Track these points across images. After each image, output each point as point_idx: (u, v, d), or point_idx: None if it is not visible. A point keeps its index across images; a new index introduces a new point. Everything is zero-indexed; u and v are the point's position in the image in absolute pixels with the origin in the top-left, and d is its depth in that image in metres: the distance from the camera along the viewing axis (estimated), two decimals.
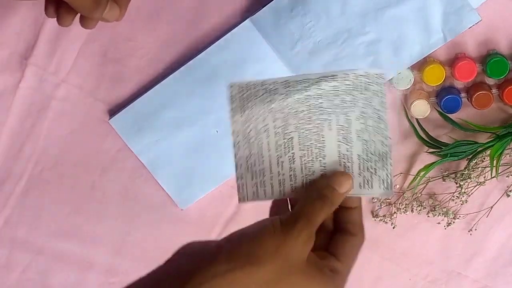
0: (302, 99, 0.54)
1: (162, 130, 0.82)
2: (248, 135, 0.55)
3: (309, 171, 0.55)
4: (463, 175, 0.80)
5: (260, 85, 0.55)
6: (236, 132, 0.55)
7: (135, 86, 0.82)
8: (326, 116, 0.54)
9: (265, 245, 0.47)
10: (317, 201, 0.51)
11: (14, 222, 0.87)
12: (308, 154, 0.55)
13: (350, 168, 0.55)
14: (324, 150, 0.55)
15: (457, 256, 0.85)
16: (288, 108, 0.54)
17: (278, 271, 0.47)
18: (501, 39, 0.78)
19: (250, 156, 0.55)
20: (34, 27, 0.81)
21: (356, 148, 0.54)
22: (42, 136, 0.84)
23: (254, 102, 0.55)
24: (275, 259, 0.47)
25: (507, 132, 0.78)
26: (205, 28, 0.80)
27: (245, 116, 0.55)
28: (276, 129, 0.55)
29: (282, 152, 0.55)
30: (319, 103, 0.54)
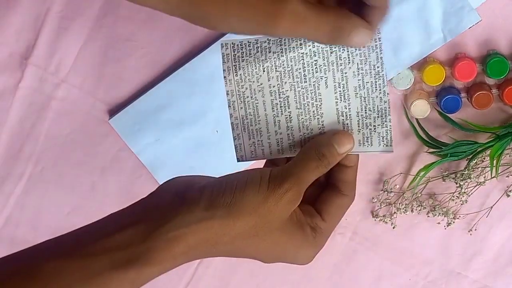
0: (296, 57, 0.53)
1: (162, 130, 0.82)
2: (243, 95, 0.54)
3: (307, 130, 0.54)
4: (463, 175, 0.80)
5: (254, 43, 0.54)
6: (231, 92, 0.55)
7: (135, 86, 0.82)
8: (322, 74, 0.53)
9: (247, 199, 0.47)
10: (313, 160, 0.50)
11: (14, 222, 0.87)
12: (305, 113, 0.54)
13: (349, 126, 0.53)
14: (321, 108, 0.53)
15: (457, 256, 0.85)
16: (283, 66, 0.53)
17: (255, 226, 0.47)
18: (501, 39, 0.78)
19: (246, 116, 0.54)
20: (34, 27, 0.81)
21: (354, 105, 0.53)
22: (42, 136, 0.84)
23: (248, 61, 0.54)
24: (254, 214, 0.47)
25: (507, 132, 0.78)
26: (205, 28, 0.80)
27: (239, 75, 0.54)
28: (271, 88, 0.54)
29: (278, 111, 0.54)
30: (314, 61, 0.53)
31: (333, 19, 0.49)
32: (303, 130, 0.54)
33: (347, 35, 0.50)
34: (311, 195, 0.53)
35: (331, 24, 0.50)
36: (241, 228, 0.46)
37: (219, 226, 0.46)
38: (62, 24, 0.81)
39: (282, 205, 0.47)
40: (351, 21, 0.50)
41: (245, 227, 0.47)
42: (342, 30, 0.50)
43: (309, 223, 0.51)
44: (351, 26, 0.50)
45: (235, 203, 0.46)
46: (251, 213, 0.46)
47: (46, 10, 0.80)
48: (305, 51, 0.53)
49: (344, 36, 0.50)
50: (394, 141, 0.81)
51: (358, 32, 0.50)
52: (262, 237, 0.47)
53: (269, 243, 0.48)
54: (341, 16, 0.50)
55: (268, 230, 0.47)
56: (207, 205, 0.46)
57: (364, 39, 0.51)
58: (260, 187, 0.47)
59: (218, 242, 0.46)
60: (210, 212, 0.46)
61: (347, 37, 0.50)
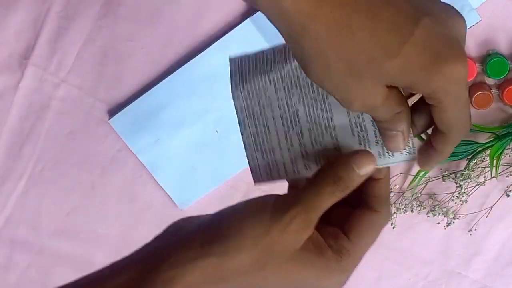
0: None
1: (162, 130, 0.82)
2: (252, 111, 0.50)
3: (321, 145, 0.49)
4: (463, 175, 0.80)
5: (259, 55, 0.50)
6: (240, 108, 0.51)
7: (135, 86, 0.82)
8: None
9: (245, 231, 0.42)
10: (328, 184, 0.44)
11: (14, 222, 0.87)
12: (316, 127, 0.49)
13: (364, 138, 0.47)
14: (333, 120, 0.48)
15: (457, 256, 0.85)
16: (289, 76, 0.49)
17: (259, 260, 0.42)
18: (501, 39, 0.78)
19: (258, 133, 0.50)
20: (34, 27, 0.81)
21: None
22: (42, 136, 0.84)
23: (254, 74, 0.50)
24: (255, 247, 0.42)
25: (507, 132, 0.78)
26: (205, 28, 0.80)
27: (247, 90, 0.50)
28: (279, 101, 0.49)
29: (289, 127, 0.50)
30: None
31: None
32: (316, 146, 0.49)
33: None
34: (340, 215, 0.47)
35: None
36: (242, 263, 0.42)
37: (216, 263, 0.42)
38: (62, 24, 0.81)
39: (289, 235, 0.42)
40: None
41: (247, 262, 0.42)
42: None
43: (332, 245, 0.45)
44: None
45: (233, 236, 0.42)
46: (251, 246, 0.42)
47: (46, 10, 0.80)
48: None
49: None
50: None
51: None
52: (270, 270, 0.43)
53: (281, 275, 0.43)
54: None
55: (277, 263, 0.43)
56: (202, 242, 0.42)
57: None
58: (261, 217, 0.43)
59: (220, 279, 0.42)
60: (205, 249, 0.42)
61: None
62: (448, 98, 0.41)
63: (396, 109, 0.43)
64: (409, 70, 0.39)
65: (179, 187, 0.84)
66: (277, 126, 0.50)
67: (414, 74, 0.39)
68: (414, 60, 0.39)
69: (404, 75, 0.39)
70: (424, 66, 0.39)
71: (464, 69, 0.40)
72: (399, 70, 0.39)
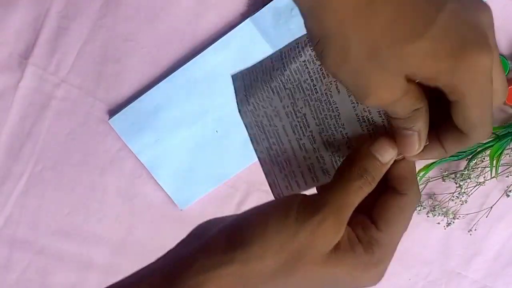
0: (299, 67, 0.46)
1: (162, 130, 0.82)
2: (261, 124, 0.48)
3: (334, 147, 0.47)
4: (463, 175, 0.80)
5: (258, 65, 0.48)
6: (249, 124, 0.49)
7: (135, 86, 0.82)
8: (330, 79, 0.45)
9: (270, 236, 0.40)
10: (354, 179, 0.42)
11: (14, 222, 0.87)
12: (326, 129, 0.47)
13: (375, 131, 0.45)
14: (340, 118, 0.46)
15: (457, 256, 0.85)
16: (290, 81, 0.47)
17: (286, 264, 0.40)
18: (501, 39, 0.78)
19: (271, 146, 0.48)
20: (34, 27, 0.81)
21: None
22: (42, 136, 0.84)
23: (256, 87, 0.48)
24: (281, 252, 0.40)
25: (507, 132, 0.78)
26: (205, 28, 0.80)
27: (252, 104, 0.48)
28: (286, 109, 0.47)
29: (300, 133, 0.47)
30: (318, 66, 0.46)
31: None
32: (331, 149, 0.47)
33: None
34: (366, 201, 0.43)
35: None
36: (268, 269, 0.40)
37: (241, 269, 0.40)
38: (62, 24, 0.81)
39: (318, 239, 0.40)
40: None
41: (273, 267, 0.40)
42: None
43: (362, 238, 0.42)
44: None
45: (256, 242, 0.40)
46: (277, 251, 0.40)
47: (46, 10, 0.80)
48: (306, 58, 0.46)
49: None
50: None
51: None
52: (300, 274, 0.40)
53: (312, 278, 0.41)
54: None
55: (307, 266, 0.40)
56: (225, 247, 0.40)
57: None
58: (286, 220, 0.40)
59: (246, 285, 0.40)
60: (229, 255, 0.40)
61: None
62: (473, 91, 0.38)
63: (416, 105, 0.40)
64: (434, 56, 0.36)
65: (179, 187, 0.84)
66: (288, 136, 0.48)
67: (439, 61, 0.37)
68: (439, 44, 0.36)
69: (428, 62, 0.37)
70: (450, 52, 0.36)
71: (490, 61, 0.37)
72: (423, 56, 0.37)
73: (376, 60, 0.37)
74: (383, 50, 0.37)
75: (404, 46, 0.36)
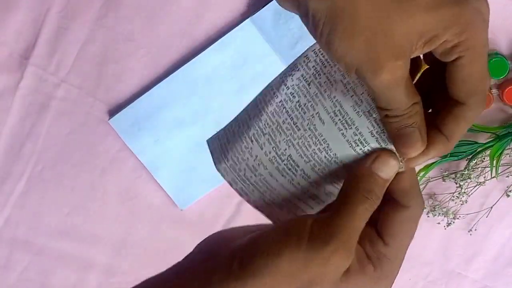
0: (276, 108, 0.45)
1: (162, 130, 0.82)
2: (245, 178, 0.48)
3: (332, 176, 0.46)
4: (463, 175, 0.80)
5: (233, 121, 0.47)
6: (233, 181, 0.48)
7: (135, 86, 0.82)
8: (311, 112, 0.44)
9: (283, 265, 0.40)
10: (359, 202, 0.42)
11: (14, 222, 0.87)
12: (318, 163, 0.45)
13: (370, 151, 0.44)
14: (331, 149, 0.45)
15: (457, 256, 0.85)
16: (268, 126, 0.45)
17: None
18: (501, 39, 0.78)
19: (263, 194, 0.47)
20: (34, 27, 0.81)
21: (363, 126, 0.44)
22: (42, 136, 0.84)
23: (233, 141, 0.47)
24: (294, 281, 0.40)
25: (507, 132, 0.78)
26: (205, 28, 0.80)
27: (231, 159, 0.47)
28: (268, 155, 0.46)
29: (291, 175, 0.46)
30: (296, 103, 0.45)
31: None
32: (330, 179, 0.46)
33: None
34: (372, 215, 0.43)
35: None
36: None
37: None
38: (62, 24, 0.81)
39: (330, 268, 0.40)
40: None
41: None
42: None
43: (371, 255, 0.43)
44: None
45: (270, 270, 0.40)
46: (290, 281, 0.40)
47: (46, 10, 0.80)
48: (282, 98, 0.45)
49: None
50: None
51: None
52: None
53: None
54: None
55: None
56: (238, 274, 0.40)
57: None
58: (298, 250, 0.40)
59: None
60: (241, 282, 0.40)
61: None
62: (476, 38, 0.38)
63: (414, 98, 0.40)
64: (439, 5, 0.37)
65: (179, 187, 0.84)
66: (278, 181, 0.47)
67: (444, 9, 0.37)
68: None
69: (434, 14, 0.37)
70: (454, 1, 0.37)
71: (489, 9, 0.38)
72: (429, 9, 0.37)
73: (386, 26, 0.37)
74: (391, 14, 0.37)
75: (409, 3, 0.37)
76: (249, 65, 0.80)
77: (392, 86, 0.40)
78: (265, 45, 0.79)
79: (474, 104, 0.41)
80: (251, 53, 0.79)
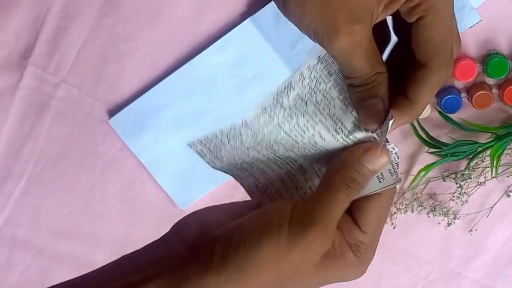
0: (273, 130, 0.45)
1: (162, 130, 0.82)
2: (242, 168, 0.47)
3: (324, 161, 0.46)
4: (464, 175, 0.80)
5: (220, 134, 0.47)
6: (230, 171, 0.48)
7: (135, 86, 0.82)
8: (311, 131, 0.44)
9: (264, 255, 0.40)
10: (341, 190, 0.41)
11: (14, 222, 0.87)
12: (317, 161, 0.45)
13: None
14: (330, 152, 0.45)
15: (457, 256, 0.85)
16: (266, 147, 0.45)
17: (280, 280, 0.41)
18: (501, 39, 0.78)
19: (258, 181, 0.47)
20: (34, 27, 0.81)
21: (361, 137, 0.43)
22: (42, 136, 0.84)
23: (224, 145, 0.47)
24: (275, 270, 0.40)
25: (507, 132, 0.78)
26: (205, 28, 0.80)
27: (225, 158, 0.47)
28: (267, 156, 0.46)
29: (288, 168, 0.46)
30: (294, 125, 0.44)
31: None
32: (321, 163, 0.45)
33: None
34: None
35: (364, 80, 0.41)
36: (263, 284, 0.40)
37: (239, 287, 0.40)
38: (62, 24, 0.81)
39: (309, 254, 0.40)
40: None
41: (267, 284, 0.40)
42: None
43: (348, 241, 0.43)
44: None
45: (251, 261, 0.40)
46: (271, 269, 0.40)
47: (46, 10, 0.80)
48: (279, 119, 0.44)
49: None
50: (395, 141, 0.81)
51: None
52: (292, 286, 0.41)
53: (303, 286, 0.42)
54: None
55: (298, 278, 0.41)
56: (219, 267, 0.40)
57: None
58: (279, 237, 0.40)
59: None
60: (223, 276, 0.40)
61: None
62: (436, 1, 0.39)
63: (378, 67, 0.40)
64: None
65: (179, 187, 0.84)
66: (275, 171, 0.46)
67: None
68: None
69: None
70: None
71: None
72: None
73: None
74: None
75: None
76: (249, 65, 0.80)
77: (351, 51, 0.39)
78: (265, 45, 0.79)
79: (437, 66, 0.41)
80: (251, 53, 0.79)
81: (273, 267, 0.40)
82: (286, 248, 0.40)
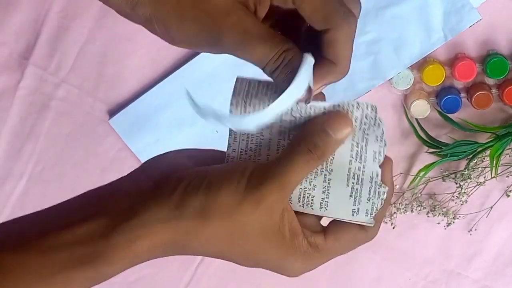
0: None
1: (162, 130, 0.82)
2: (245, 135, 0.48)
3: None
4: (463, 175, 0.80)
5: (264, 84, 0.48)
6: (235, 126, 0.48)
7: (135, 86, 0.82)
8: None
9: (220, 200, 0.41)
10: (301, 153, 0.42)
11: None
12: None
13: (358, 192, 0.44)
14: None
15: (457, 256, 0.85)
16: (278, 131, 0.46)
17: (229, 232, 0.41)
18: (501, 39, 0.78)
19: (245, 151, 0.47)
20: (34, 27, 0.81)
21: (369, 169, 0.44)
22: (42, 136, 0.84)
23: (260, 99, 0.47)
24: (227, 219, 0.41)
25: (507, 132, 0.78)
26: None
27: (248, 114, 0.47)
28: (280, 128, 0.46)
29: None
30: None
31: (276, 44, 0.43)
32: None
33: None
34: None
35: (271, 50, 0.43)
36: (211, 233, 0.41)
37: (187, 228, 0.41)
38: (62, 24, 0.81)
39: (261, 212, 0.41)
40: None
41: (217, 233, 0.41)
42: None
43: (307, 236, 0.43)
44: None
45: (208, 204, 0.41)
46: (223, 217, 0.41)
47: (46, 10, 0.80)
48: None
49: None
50: (394, 141, 0.81)
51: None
52: (238, 243, 0.42)
53: (247, 250, 0.42)
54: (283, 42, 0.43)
55: (246, 237, 0.42)
56: (178, 203, 0.41)
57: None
58: (237, 187, 0.41)
59: (186, 244, 0.42)
60: (179, 211, 0.41)
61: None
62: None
63: (280, 45, 0.42)
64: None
65: None
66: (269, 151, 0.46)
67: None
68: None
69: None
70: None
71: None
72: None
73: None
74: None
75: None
76: (249, 64, 0.79)
77: (242, 42, 0.43)
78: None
79: (335, 26, 0.42)
80: None
81: (226, 214, 0.41)
82: (241, 199, 0.41)
